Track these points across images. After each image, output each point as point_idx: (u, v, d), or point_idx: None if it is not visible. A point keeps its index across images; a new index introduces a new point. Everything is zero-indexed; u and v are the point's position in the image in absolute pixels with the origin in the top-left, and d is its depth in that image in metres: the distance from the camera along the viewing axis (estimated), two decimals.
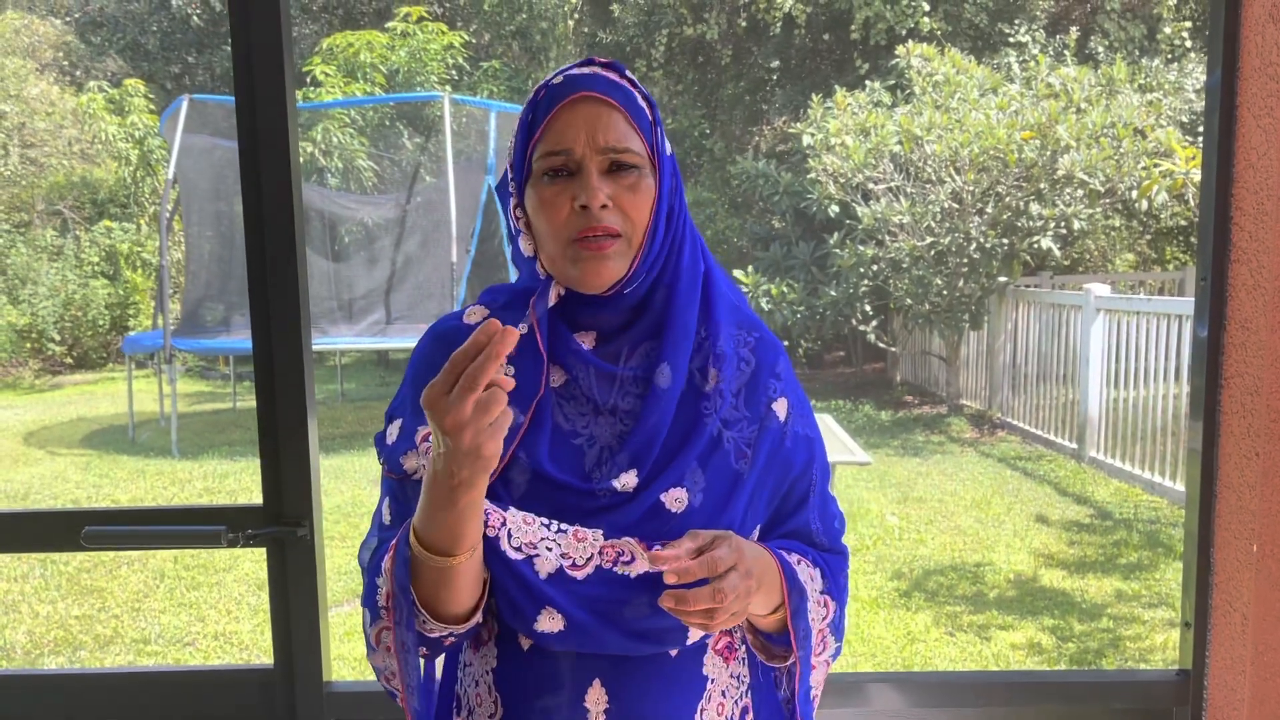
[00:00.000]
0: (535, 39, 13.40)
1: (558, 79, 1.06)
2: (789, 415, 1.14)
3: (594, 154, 1.03)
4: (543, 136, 1.04)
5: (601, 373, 1.07)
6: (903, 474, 7.19)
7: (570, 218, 1.03)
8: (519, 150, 1.08)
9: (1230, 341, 1.64)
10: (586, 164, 1.03)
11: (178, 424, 8.56)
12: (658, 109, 1.09)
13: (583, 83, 1.05)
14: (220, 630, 4.69)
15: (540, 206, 1.05)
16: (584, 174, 1.03)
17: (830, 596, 1.14)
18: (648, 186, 1.05)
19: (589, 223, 1.02)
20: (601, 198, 1.02)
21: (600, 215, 1.02)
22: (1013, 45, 11.06)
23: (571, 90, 1.04)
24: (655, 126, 1.08)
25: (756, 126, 13.12)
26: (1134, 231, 10.92)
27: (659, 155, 1.07)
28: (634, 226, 1.05)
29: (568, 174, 1.04)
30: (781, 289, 9.47)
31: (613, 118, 1.04)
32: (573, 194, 1.03)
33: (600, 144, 1.03)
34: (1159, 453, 6.68)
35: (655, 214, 1.06)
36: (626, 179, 1.04)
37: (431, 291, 9.22)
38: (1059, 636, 4.42)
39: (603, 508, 1.03)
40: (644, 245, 1.06)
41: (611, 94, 1.04)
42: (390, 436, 1.12)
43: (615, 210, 1.03)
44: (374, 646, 1.06)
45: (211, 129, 9.36)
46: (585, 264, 1.03)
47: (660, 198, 1.07)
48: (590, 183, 1.02)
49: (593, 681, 1.06)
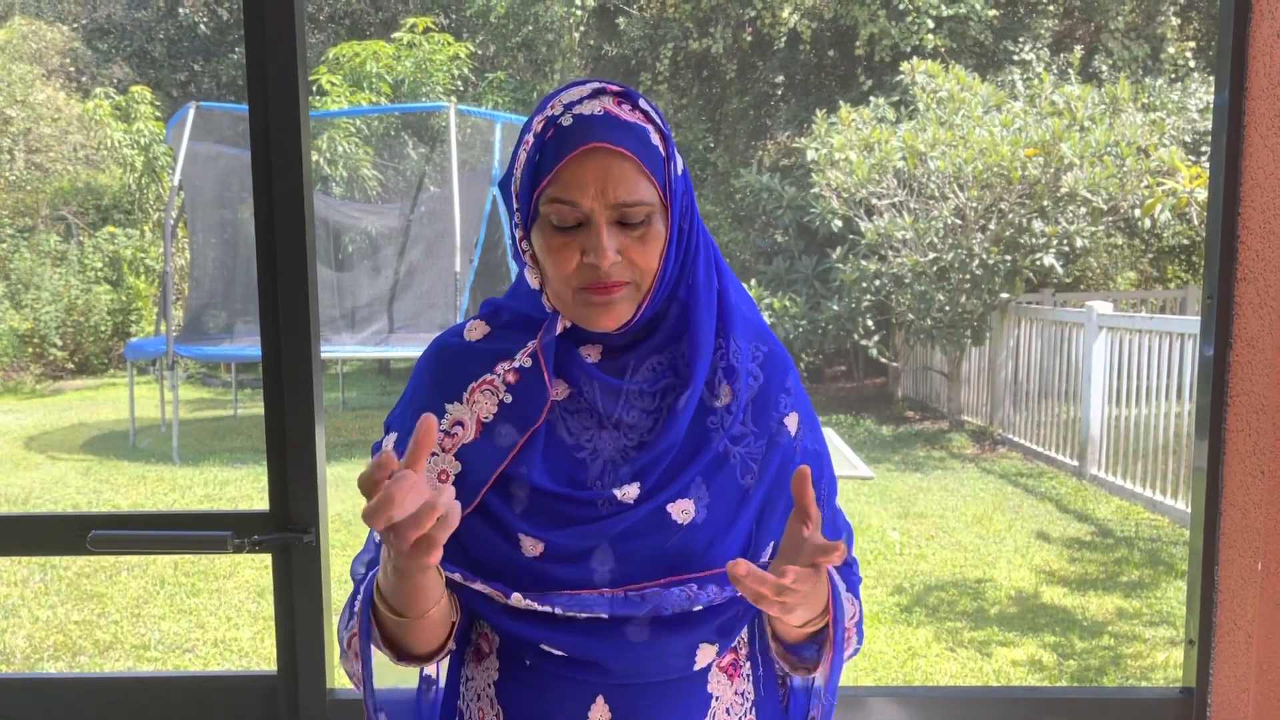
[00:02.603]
0: (541, 51, 13.44)
1: (566, 119, 1.02)
2: (799, 430, 1.13)
3: (604, 208, 1.00)
4: (551, 183, 1.01)
5: (607, 387, 1.07)
6: (903, 489, 7.18)
7: (578, 269, 1.02)
8: (525, 188, 1.04)
9: (1236, 360, 1.64)
10: (596, 219, 1.00)
11: (179, 430, 8.56)
12: (671, 138, 1.06)
13: (595, 130, 1.00)
14: (220, 637, 4.68)
15: (547, 252, 1.03)
16: (593, 230, 1.00)
17: (854, 595, 1.15)
18: (657, 232, 1.03)
19: (597, 277, 1.01)
20: (611, 255, 1.00)
21: (610, 272, 1.01)
22: (1017, 63, 11.08)
23: (582, 140, 1.00)
24: (668, 162, 1.04)
25: (760, 141, 13.15)
26: (1136, 250, 10.93)
27: (670, 192, 1.04)
28: (643, 274, 1.03)
29: (575, 226, 1.01)
30: (784, 303, 9.48)
31: (624, 169, 1.00)
32: (581, 246, 1.01)
33: (610, 200, 0.99)
34: (1160, 471, 6.67)
35: (665, 256, 1.04)
36: (636, 230, 1.01)
37: (435, 301, 9.23)
38: (1060, 654, 4.41)
39: (602, 516, 1.03)
40: (653, 287, 1.04)
41: (624, 142, 1.00)
42: (386, 448, 1.12)
43: (624, 262, 1.02)
44: (344, 650, 1.10)
45: (217, 136, 9.40)
46: (594, 309, 1.03)
47: (670, 236, 1.04)
48: (600, 242, 0.99)
49: (596, 698, 1.06)
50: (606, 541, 1.03)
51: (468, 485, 1.05)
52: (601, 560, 1.03)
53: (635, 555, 1.03)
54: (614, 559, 1.03)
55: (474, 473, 1.06)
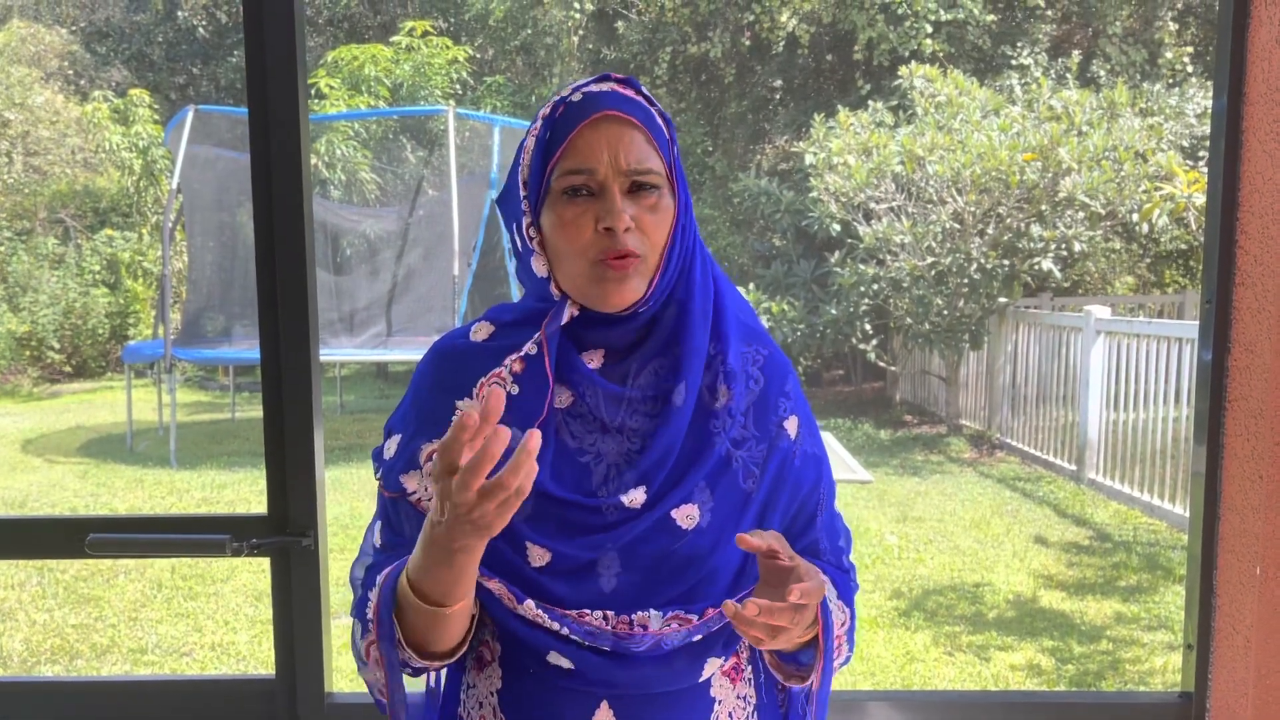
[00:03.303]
0: (540, 55, 13.44)
1: (575, 96, 1.05)
2: (799, 433, 1.13)
3: (617, 175, 1.02)
4: (563, 155, 1.03)
5: (609, 393, 1.07)
6: (901, 493, 7.18)
7: (593, 239, 1.02)
8: (535, 168, 1.06)
9: (1235, 365, 1.65)
10: (610, 185, 1.02)
11: (177, 434, 8.55)
12: (674, 125, 1.09)
13: (603, 101, 1.04)
14: (217, 641, 4.67)
15: (560, 226, 1.04)
16: (608, 196, 1.02)
17: (845, 603, 1.14)
18: (667, 206, 1.05)
19: (613, 245, 1.02)
20: (626, 220, 1.01)
21: (624, 239, 1.02)
22: (1015, 68, 11.10)
23: (593, 109, 1.03)
24: (672, 144, 1.07)
25: (759, 145, 13.15)
26: (1134, 254, 10.94)
27: (676, 173, 1.07)
28: (653, 247, 1.04)
29: (589, 194, 1.03)
30: (782, 307, 9.49)
31: (634, 137, 1.03)
32: (595, 215, 1.02)
33: (623, 166, 1.02)
34: (1158, 475, 6.68)
35: (673, 233, 1.06)
36: (648, 200, 1.03)
37: (433, 305, 9.23)
38: (1058, 658, 4.41)
39: (610, 524, 1.03)
40: (662, 264, 1.05)
41: (633, 112, 1.04)
42: (388, 452, 1.11)
43: (636, 232, 1.03)
44: (364, 661, 1.07)
45: (216, 140, 9.40)
46: (609, 284, 1.03)
47: (678, 216, 1.06)
48: (615, 206, 1.01)
49: (600, 704, 1.06)
50: (614, 549, 1.03)
51: None
52: (608, 567, 1.03)
53: (641, 561, 1.03)
54: (620, 566, 1.03)
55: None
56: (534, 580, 1.03)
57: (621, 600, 1.03)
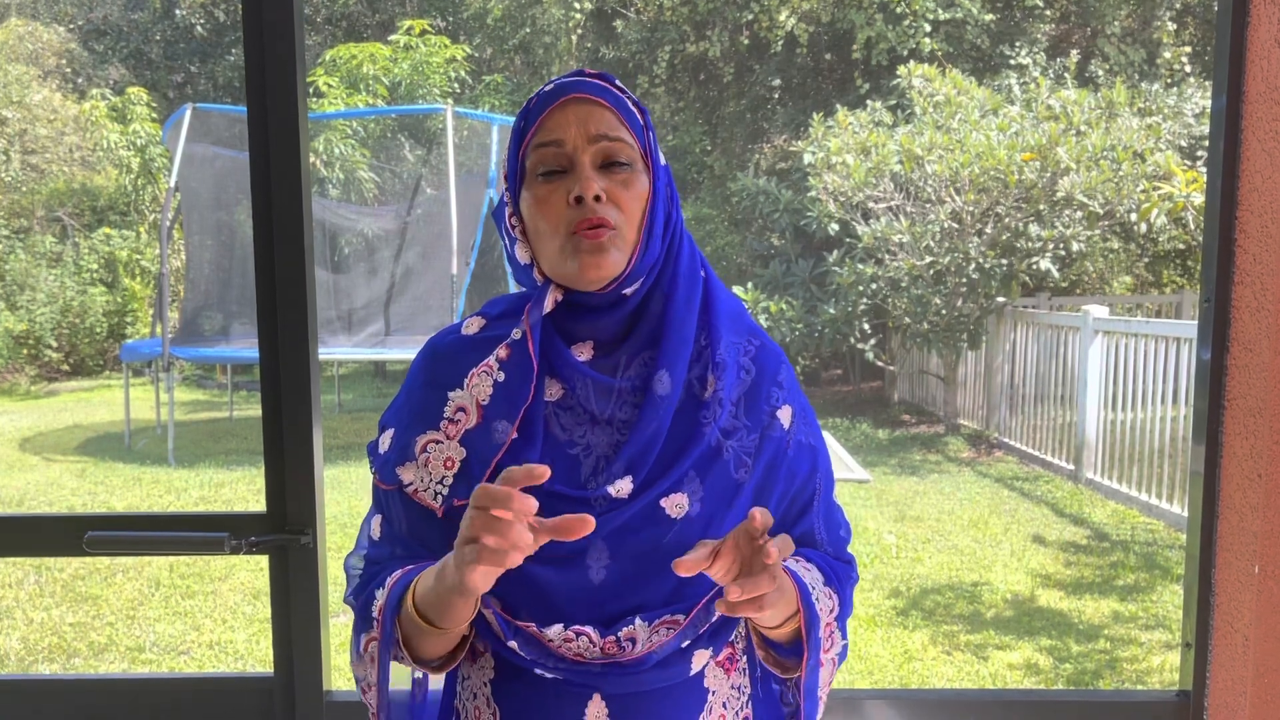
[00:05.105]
0: (538, 54, 13.45)
1: (548, 87, 1.08)
2: (793, 423, 1.13)
3: (586, 144, 1.04)
4: (535, 133, 1.06)
5: (599, 385, 1.07)
6: (900, 493, 7.18)
7: (566, 213, 1.04)
8: (512, 154, 1.09)
9: (1233, 363, 1.65)
10: (579, 157, 1.04)
11: (174, 432, 8.55)
12: (649, 116, 1.11)
13: (573, 86, 1.06)
14: (215, 639, 4.67)
15: (535, 204, 1.06)
16: (578, 168, 1.04)
17: (833, 589, 1.12)
18: (641, 184, 1.06)
19: (584, 214, 1.03)
20: (595, 188, 1.03)
21: (595, 207, 1.03)
22: (1013, 67, 11.11)
23: (562, 93, 1.06)
24: (647, 131, 1.09)
25: (757, 144, 13.16)
26: (1132, 254, 10.95)
27: (652, 157, 1.08)
28: (628, 220, 1.05)
29: (561, 172, 1.05)
30: (780, 306, 9.49)
31: (604, 114, 1.05)
32: (567, 189, 1.04)
33: (591, 131, 1.04)
34: (1156, 475, 6.68)
35: (650, 211, 1.07)
36: (619, 174, 1.05)
37: (431, 303, 9.23)
38: (1056, 657, 4.42)
39: (599, 515, 1.03)
40: (640, 242, 1.06)
41: (602, 95, 1.06)
42: (383, 446, 1.13)
43: (609, 204, 1.04)
44: (360, 654, 1.08)
45: (213, 138, 9.39)
46: (584, 256, 1.03)
47: (655, 197, 1.07)
48: (584, 173, 1.03)
49: (593, 696, 1.06)
50: (601, 539, 1.03)
51: (471, 473, 1.06)
52: (596, 558, 1.03)
53: (630, 551, 1.03)
54: (609, 556, 1.03)
55: (478, 459, 1.07)
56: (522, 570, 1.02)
57: (610, 592, 1.03)
